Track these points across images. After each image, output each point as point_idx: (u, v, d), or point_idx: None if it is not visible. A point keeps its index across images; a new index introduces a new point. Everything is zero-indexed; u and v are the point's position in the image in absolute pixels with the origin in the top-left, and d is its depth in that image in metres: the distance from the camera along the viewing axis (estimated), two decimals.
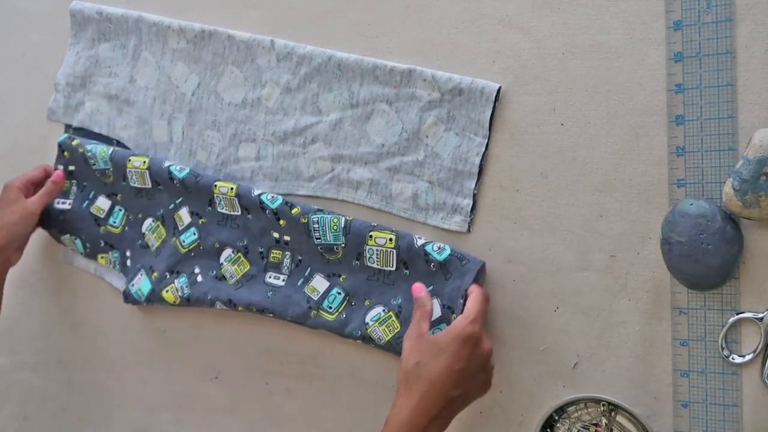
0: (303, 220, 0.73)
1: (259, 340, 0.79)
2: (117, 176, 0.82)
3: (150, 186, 0.81)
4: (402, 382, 0.62)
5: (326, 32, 0.77)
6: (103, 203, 0.84)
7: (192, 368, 0.83)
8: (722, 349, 0.61)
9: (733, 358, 0.61)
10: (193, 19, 0.82)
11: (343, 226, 0.71)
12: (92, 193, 0.85)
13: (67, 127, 0.88)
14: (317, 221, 0.72)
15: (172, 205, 0.80)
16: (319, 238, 0.73)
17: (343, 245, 0.72)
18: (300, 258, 0.75)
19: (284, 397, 0.78)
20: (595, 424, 0.65)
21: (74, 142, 0.85)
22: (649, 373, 0.64)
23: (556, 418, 0.67)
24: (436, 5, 0.72)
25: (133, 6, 0.85)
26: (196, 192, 0.78)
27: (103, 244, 0.85)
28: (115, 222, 0.83)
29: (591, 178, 0.66)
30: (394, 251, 0.70)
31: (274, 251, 0.76)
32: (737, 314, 0.61)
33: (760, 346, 0.60)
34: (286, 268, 0.75)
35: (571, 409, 0.66)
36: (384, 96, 0.73)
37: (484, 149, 0.69)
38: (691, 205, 0.59)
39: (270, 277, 0.76)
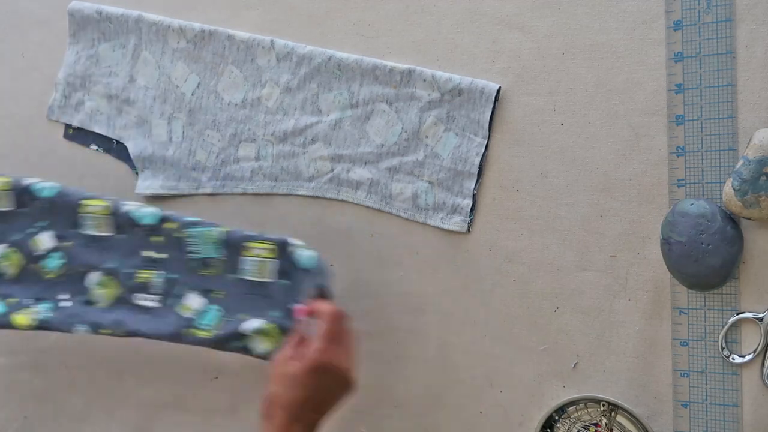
0: (178, 235, 0.71)
1: None
2: None
3: (12, 208, 0.75)
4: (263, 412, 0.61)
5: (326, 32, 0.76)
6: None
7: (192, 368, 0.82)
8: (722, 349, 0.61)
9: (733, 358, 0.61)
10: (193, 19, 0.82)
11: (220, 238, 0.70)
12: None
13: (67, 126, 0.88)
14: (193, 235, 0.70)
15: (31, 229, 0.75)
16: (197, 253, 0.71)
17: (222, 258, 0.70)
18: (174, 276, 0.72)
19: None
20: (595, 424, 0.65)
21: None
22: (649, 373, 0.64)
23: (556, 418, 0.67)
24: (436, 5, 0.72)
25: (133, 6, 0.85)
26: (63, 212, 0.74)
27: None
28: None
29: (591, 178, 0.66)
30: (276, 261, 0.68)
31: (143, 271, 0.73)
32: (737, 314, 0.61)
33: (760, 346, 0.60)
34: (156, 288, 0.72)
35: (571, 409, 0.66)
36: (384, 96, 0.73)
37: (483, 149, 0.69)
38: (691, 205, 0.59)
39: (139, 298, 0.73)
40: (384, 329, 0.74)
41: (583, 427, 0.66)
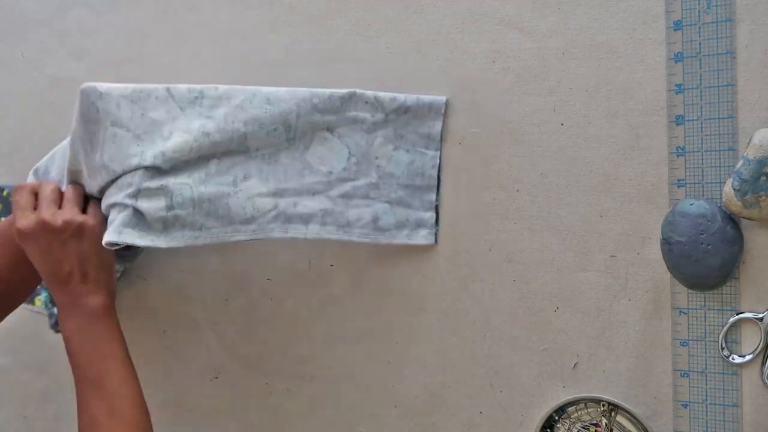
0: None
1: (259, 340, 0.79)
2: None
3: None
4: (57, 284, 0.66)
5: (326, 32, 0.76)
6: None
7: (192, 368, 0.83)
8: (722, 349, 0.61)
9: (733, 358, 0.61)
10: (192, 21, 0.82)
11: None
12: None
13: None
14: None
15: None
16: None
17: None
18: None
19: (284, 397, 0.78)
20: (595, 424, 0.65)
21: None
22: (649, 373, 0.64)
23: (556, 418, 0.67)
24: (436, 5, 0.72)
25: (126, 6, 0.85)
26: None
27: None
28: None
29: (591, 178, 0.66)
30: None
31: None
32: (737, 314, 0.61)
33: (760, 346, 0.60)
34: None
35: (571, 409, 0.66)
36: (324, 123, 0.69)
37: (438, 161, 0.70)
38: (691, 205, 0.59)
39: None
40: (384, 329, 0.74)
41: (583, 427, 0.66)
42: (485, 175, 0.70)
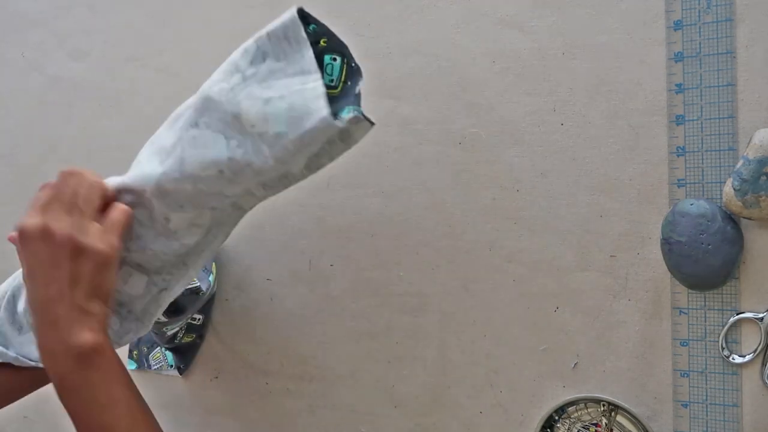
0: None
1: (259, 340, 0.79)
2: None
3: None
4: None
5: None
6: None
7: (192, 368, 0.83)
8: (722, 349, 0.61)
9: (733, 358, 0.61)
10: (193, 19, 0.82)
11: None
12: None
13: None
14: None
15: None
16: None
17: None
18: None
19: (284, 397, 0.78)
20: (595, 424, 0.65)
21: None
22: (649, 373, 0.64)
23: (556, 418, 0.67)
24: (436, 5, 0.72)
25: (127, 6, 0.85)
26: None
27: None
28: None
29: (591, 178, 0.66)
30: None
31: None
32: (737, 314, 0.61)
33: (760, 346, 0.60)
34: None
35: (571, 409, 0.66)
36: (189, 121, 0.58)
37: (321, 86, 0.54)
38: (692, 205, 0.59)
39: None
40: (384, 329, 0.74)
41: (583, 427, 0.66)
42: (485, 175, 0.70)
